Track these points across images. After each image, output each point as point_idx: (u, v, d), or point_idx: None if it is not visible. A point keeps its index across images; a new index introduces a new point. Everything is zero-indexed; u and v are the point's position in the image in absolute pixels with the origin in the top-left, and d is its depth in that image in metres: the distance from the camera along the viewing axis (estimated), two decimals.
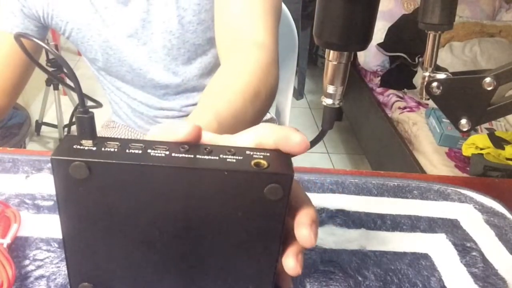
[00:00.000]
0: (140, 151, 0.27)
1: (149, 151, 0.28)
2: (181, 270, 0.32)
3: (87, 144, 0.28)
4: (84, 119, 0.28)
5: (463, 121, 0.40)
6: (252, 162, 0.28)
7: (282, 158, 0.29)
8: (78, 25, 0.73)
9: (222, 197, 0.28)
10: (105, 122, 1.00)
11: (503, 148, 1.59)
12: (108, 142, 0.28)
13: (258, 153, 0.29)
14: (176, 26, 0.72)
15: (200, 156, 0.28)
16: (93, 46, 0.75)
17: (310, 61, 3.00)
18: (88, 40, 0.75)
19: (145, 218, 0.29)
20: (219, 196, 0.28)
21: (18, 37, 0.30)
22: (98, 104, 0.38)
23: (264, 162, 0.28)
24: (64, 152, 0.27)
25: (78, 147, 0.28)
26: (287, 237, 0.31)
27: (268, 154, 0.29)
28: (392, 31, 2.18)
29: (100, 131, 0.98)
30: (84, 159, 0.26)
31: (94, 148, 0.27)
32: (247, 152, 0.29)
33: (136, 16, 0.71)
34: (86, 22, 0.72)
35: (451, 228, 0.50)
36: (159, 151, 0.28)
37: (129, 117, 0.90)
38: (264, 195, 0.28)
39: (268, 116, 1.00)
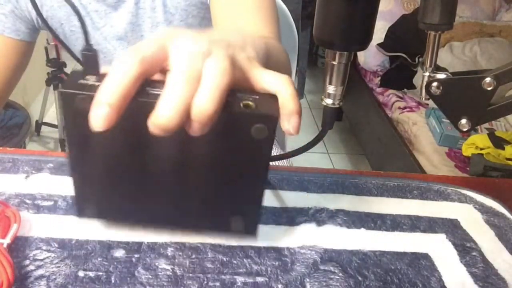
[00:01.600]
0: (139, 88, 0.30)
1: (147, 88, 0.30)
2: (174, 199, 0.36)
3: (92, 79, 0.31)
4: (88, 56, 0.31)
5: (463, 121, 0.40)
6: (241, 103, 0.31)
7: (270, 101, 0.32)
8: (72, 27, 0.73)
9: (213, 134, 0.30)
10: None
11: (503, 148, 1.59)
12: None
13: (248, 95, 0.32)
14: None
15: None
16: None
17: (310, 61, 3.00)
18: (81, 43, 0.75)
19: (141, 149, 0.32)
20: (209, 133, 0.30)
21: None
22: None
23: (252, 104, 0.31)
24: (71, 86, 0.30)
25: (84, 81, 0.30)
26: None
27: (257, 97, 0.32)
28: (392, 31, 2.18)
29: None
30: (89, 93, 0.29)
31: (98, 84, 0.30)
32: (238, 94, 0.31)
33: (125, 19, 0.72)
34: (79, 24, 0.73)
35: (451, 228, 0.50)
36: (156, 90, 0.30)
37: None
38: (251, 134, 0.31)
39: None
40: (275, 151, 0.92)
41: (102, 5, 0.71)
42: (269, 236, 0.46)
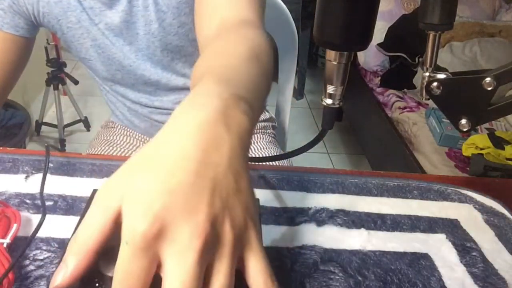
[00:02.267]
0: None
1: None
2: None
3: None
4: None
5: (463, 121, 0.40)
6: None
7: None
8: (69, 23, 0.73)
9: None
10: (104, 123, 1.00)
11: (503, 148, 1.59)
12: None
13: None
14: (158, 29, 0.72)
15: None
16: (84, 45, 0.76)
17: (310, 61, 3.00)
18: (79, 39, 0.75)
19: None
20: None
21: None
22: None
23: None
24: None
25: None
26: None
27: None
28: (392, 31, 2.18)
29: (100, 132, 0.98)
30: None
31: None
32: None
33: (120, 17, 0.72)
34: (76, 20, 0.73)
35: (451, 228, 0.50)
36: None
37: (126, 116, 0.90)
38: None
39: (267, 115, 1.00)
40: (275, 151, 0.92)
41: (97, 3, 0.71)
42: (269, 236, 0.46)
